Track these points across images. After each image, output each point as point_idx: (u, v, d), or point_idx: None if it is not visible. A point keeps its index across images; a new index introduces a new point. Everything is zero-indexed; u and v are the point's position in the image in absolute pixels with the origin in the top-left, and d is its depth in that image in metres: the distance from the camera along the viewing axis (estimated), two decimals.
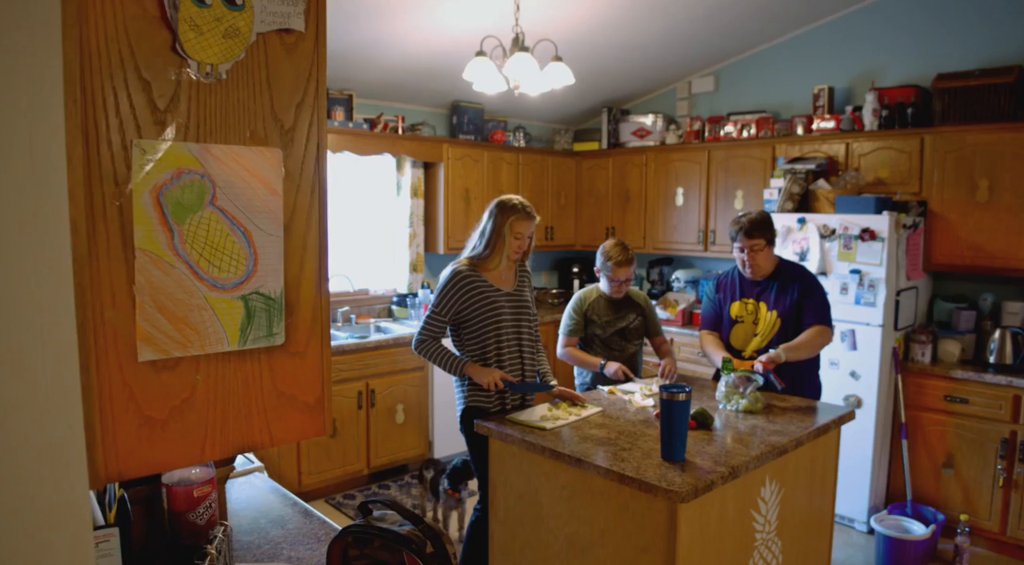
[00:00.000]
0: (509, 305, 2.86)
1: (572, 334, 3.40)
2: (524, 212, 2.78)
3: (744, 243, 3.11)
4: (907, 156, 4.03)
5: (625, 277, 3.30)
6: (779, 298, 3.13)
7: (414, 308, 5.01)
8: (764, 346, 3.13)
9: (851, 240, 3.82)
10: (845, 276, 3.86)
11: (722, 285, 3.33)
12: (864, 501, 3.83)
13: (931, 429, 3.81)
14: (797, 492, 2.65)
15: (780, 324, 3.11)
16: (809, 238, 3.98)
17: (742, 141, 4.82)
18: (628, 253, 3.30)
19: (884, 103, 4.15)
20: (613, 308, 3.38)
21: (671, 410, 2.24)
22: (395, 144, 4.80)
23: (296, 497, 2.06)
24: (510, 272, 2.92)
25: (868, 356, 3.80)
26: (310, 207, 1.01)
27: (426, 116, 5.26)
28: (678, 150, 5.24)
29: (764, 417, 2.75)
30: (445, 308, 2.79)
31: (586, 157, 5.91)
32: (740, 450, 2.36)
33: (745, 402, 2.85)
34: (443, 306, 2.79)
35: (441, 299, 2.79)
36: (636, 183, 5.54)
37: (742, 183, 4.83)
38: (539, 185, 5.71)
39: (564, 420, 2.68)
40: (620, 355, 3.38)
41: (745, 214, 3.15)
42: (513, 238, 2.78)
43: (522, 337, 2.90)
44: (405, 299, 5.07)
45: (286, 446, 4.03)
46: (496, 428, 2.64)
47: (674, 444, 2.25)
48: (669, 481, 2.08)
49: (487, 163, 5.33)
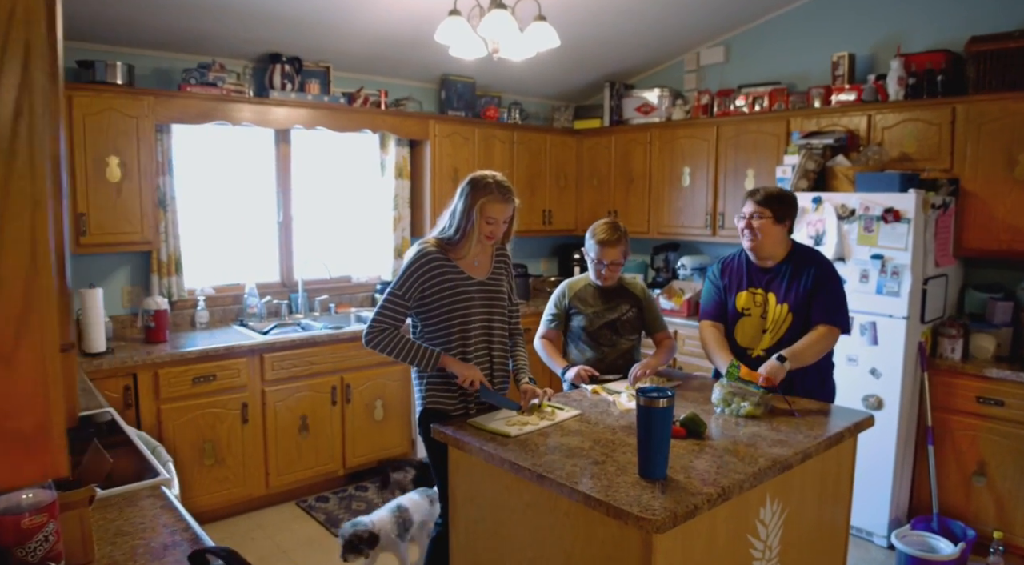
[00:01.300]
0: (480, 295, 2.50)
1: (552, 326, 3.03)
2: (499, 193, 2.40)
3: (749, 209, 2.73)
4: (936, 129, 3.59)
5: (612, 259, 2.91)
6: (790, 288, 2.74)
7: None
8: (774, 345, 2.74)
9: (872, 222, 3.40)
10: (865, 262, 3.45)
11: (728, 269, 2.94)
12: (884, 513, 3.43)
13: (961, 434, 3.40)
14: (804, 512, 2.28)
15: (791, 319, 2.72)
16: (825, 220, 3.57)
17: (754, 115, 4.41)
18: (617, 232, 2.91)
19: (911, 70, 3.72)
20: (603, 298, 3.01)
21: (649, 419, 1.87)
22: (375, 120, 4.45)
23: (192, 521, 1.73)
24: (485, 258, 2.56)
25: (890, 352, 3.40)
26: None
27: (412, 91, 4.89)
28: (685, 126, 4.83)
29: (767, 423, 2.38)
30: (408, 291, 2.42)
31: (587, 135, 5.52)
32: (735, 465, 1.99)
33: (747, 405, 2.48)
34: (405, 288, 2.42)
35: (404, 281, 2.42)
36: (640, 163, 5.14)
37: (753, 161, 4.41)
38: (536, 165, 5.33)
39: (534, 426, 2.32)
40: (611, 351, 3.00)
41: (768, 187, 2.80)
42: (484, 222, 2.41)
43: (493, 334, 2.54)
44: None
45: (251, 444, 3.72)
46: (453, 434, 2.29)
47: (653, 459, 1.89)
48: (643, 505, 1.71)
49: (478, 141, 4.96)
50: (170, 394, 3.45)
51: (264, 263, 4.47)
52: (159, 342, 3.66)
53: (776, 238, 2.75)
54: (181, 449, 3.50)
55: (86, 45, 3.66)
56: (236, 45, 3.97)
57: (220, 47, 3.95)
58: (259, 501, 3.83)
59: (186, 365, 3.50)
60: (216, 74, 3.83)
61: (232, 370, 3.64)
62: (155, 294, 3.85)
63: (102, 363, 3.27)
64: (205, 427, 3.57)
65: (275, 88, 4.07)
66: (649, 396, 1.87)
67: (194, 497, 3.56)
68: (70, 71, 3.59)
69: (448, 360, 2.41)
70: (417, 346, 2.41)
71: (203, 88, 3.78)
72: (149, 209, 3.65)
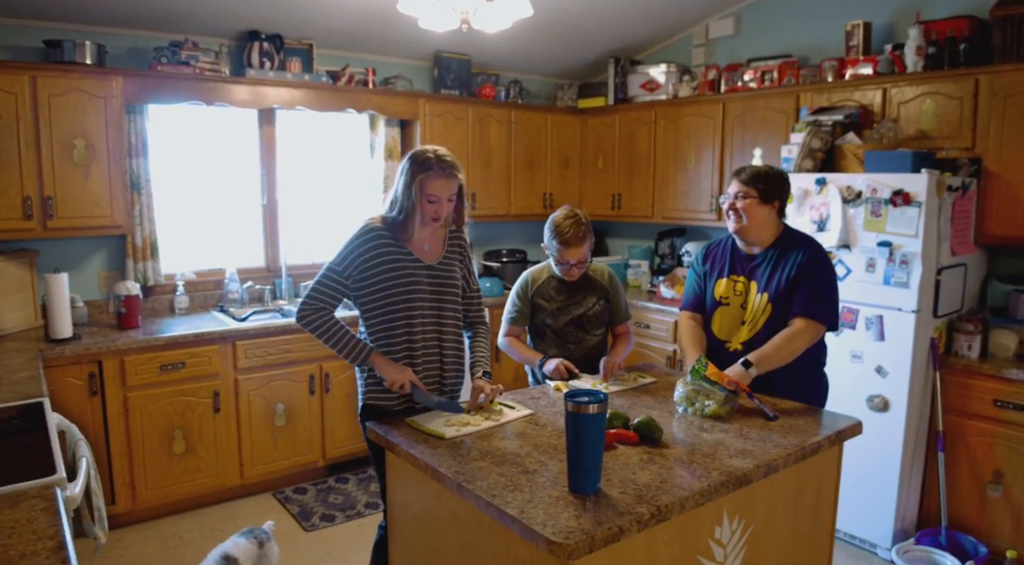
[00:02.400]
0: (430, 282, 2.30)
1: (515, 323, 2.82)
2: (439, 169, 2.19)
3: (734, 189, 2.48)
4: (957, 103, 3.25)
5: (577, 259, 2.68)
6: (772, 276, 2.49)
7: None
8: (752, 338, 2.50)
9: (880, 205, 3.10)
10: (872, 249, 3.15)
11: (711, 254, 2.69)
12: (889, 524, 3.16)
13: (975, 440, 3.10)
14: (774, 528, 2.05)
15: (771, 310, 2.47)
16: (830, 203, 3.27)
17: (762, 91, 4.09)
18: (581, 228, 2.67)
19: (931, 39, 3.37)
20: (567, 291, 2.78)
21: (578, 427, 1.67)
22: (360, 99, 4.27)
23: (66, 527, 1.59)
24: (436, 241, 2.36)
25: (898, 348, 3.10)
26: None
27: (402, 69, 4.70)
28: (690, 104, 4.54)
29: (736, 428, 2.14)
30: (347, 267, 2.22)
31: (591, 115, 5.25)
32: (683, 479, 1.77)
33: (712, 404, 2.25)
34: (345, 264, 2.22)
35: (344, 255, 2.23)
36: (644, 143, 4.86)
37: (761, 140, 4.11)
38: (536, 146, 5.10)
39: (475, 427, 2.13)
40: (577, 349, 2.79)
41: (756, 164, 2.53)
42: (426, 201, 2.21)
43: (445, 324, 2.34)
44: None
45: (224, 433, 3.62)
46: (385, 434, 2.12)
47: (582, 472, 1.68)
48: (559, 527, 1.51)
49: (472, 121, 4.75)
50: (137, 382, 3.36)
51: (248, 248, 4.35)
52: (131, 328, 3.57)
53: (763, 220, 2.49)
54: (149, 438, 3.41)
55: (54, 24, 3.56)
56: (213, 23, 3.82)
57: (196, 25, 3.81)
58: (234, 492, 3.73)
59: (153, 352, 3.40)
60: (189, 52, 3.70)
61: (202, 358, 3.53)
62: (129, 279, 3.76)
63: (64, 350, 3.18)
64: (175, 416, 3.48)
65: (253, 67, 3.92)
66: (577, 401, 1.66)
67: (164, 486, 3.48)
68: (37, 51, 3.49)
69: (378, 359, 2.23)
70: (350, 337, 2.24)
71: (175, 67, 3.65)
72: (119, 192, 3.54)
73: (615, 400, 2.43)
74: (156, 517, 3.54)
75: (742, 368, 2.33)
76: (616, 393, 2.52)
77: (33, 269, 3.55)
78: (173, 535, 3.40)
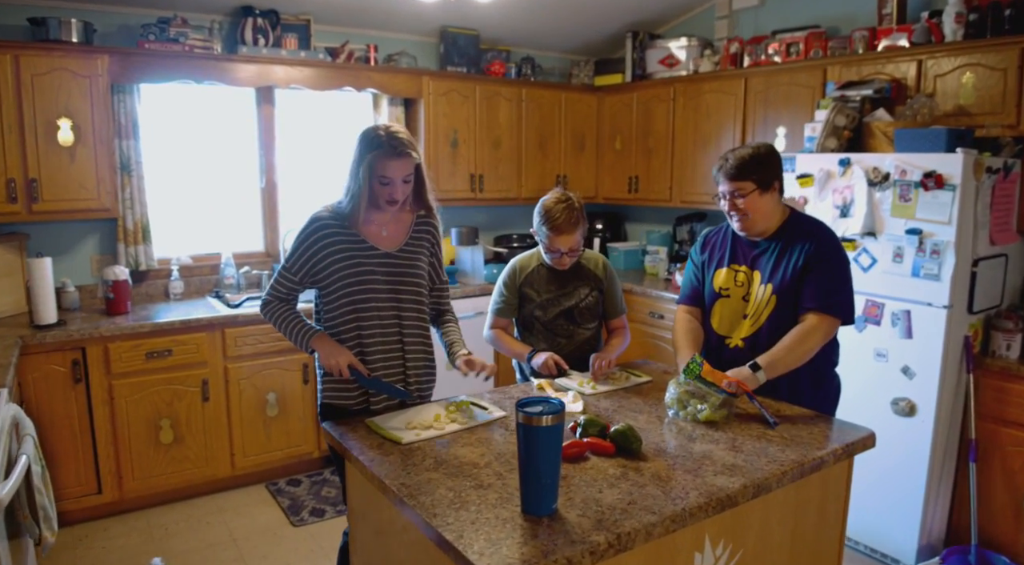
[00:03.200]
0: (385, 270, 2.12)
1: (501, 314, 2.62)
2: (390, 148, 2.00)
3: (726, 187, 2.24)
4: (1000, 75, 2.92)
5: (568, 247, 2.46)
6: (778, 265, 2.24)
7: None
8: (754, 333, 2.26)
9: (909, 188, 2.80)
10: (899, 238, 2.86)
11: (711, 242, 2.46)
12: (913, 539, 2.89)
13: (1012, 450, 2.81)
14: (768, 553, 1.83)
15: (775, 303, 2.23)
16: (854, 186, 2.98)
17: (786, 65, 3.79)
18: (574, 213, 2.43)
19: (972, 5, 3.04)
20: (557, 282, 2.57)
21: (528, 441, 1.47)
22: (359, 77, 4.09)
23: None
24: (398, 226, 2.18)
25: (927, 347, 2.82)
26: None
27: (406, 45, 4.50)
28: (710, 80, 4.25)
29: (729, 437, 1.92)
30: (295, 264, 2.10)
31: (608, 92, 4.99)
32: (655, 500, 1.56)
33: (706, 409, 2.03)
34: (292, 261, 2.11)
35: (292, 253, 2.11)
36: (662, 122, 4.59)
37: (785, 117, 3.81)
38: (549, 126, 4.86)
39: (438, 431, 1.95)
40: (568, 343, 2.58)
41: (736, 148, 2.26)
42: (378, 183, 2.03)
43: (405, 318, 2.16)
44: None
45: (213, 423, 3.52)
46: (339, 436, 1.96)
47: (534, 491, 1.49)
48: (497, 557, 1.32)
49: (480, 99, 4.53)
50: (122, 369, 3.27)
51: (247, 232, 4.24)
52: (119, 314, 3.49)
53: (768, 209, 2.24)
54: (136, 427, 3.33)
55: (41, 2, 3.45)
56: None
57: (188, 1, 3.67)
58: (225, 482, 3.64)
59: (139, 339, 3.30)
60: (178, 29, 3.56)
61: (190, 345, 3.42)
62: (120, 264, 3.67)
63: (46, 336, 3.10)
64: (162, 404, 3.39)
65: (246, 44, 3.77)
66: (528, 412, 1.46)
67: (151, 477, 3.40)
68: (21, 29, 3.39)
69: (319, 341, 2.07)
70: (296, 322, 2.11)
71: (163, 45, 3.52)
72: (106, 174, 3.44)
73: (599, 402, 2.23)
74: (144, 507, 3.47)
75: (750, 371, 2.10)
76: (604, 394, 2.32)
77: (23, 253, 3.48)
78: (159, 526, 3.32)
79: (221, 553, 3.08)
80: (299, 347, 2.10)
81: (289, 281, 2.11)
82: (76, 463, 3.24)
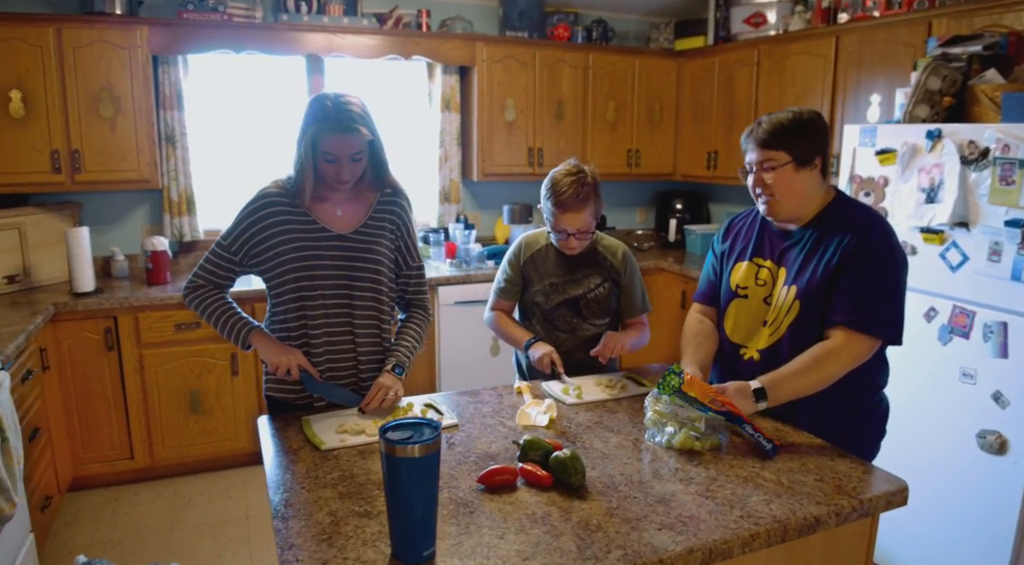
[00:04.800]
0: (335, 255, 1.89)
1: (503, 295, 2.34)
2: (335, 120, 1.75)
3: (754, 156, 1.82)
4: None
5: (576, 228, 2.13)
6: (807, 262, 1.81)
7: (436, 246, 4.16)
8: (773, 345, 1.85)
9: (1013, 168, 2.22)
10: (997, 230, 2.28)
11: (735, 229, 2.05)
12: None
13: None
14: None
15: (797, 310, 1.80)
16: (944, 164, 2.42)
17: (885, 19, 3.17)
18: (584, 189, 2.10)
19: None
20: (566, 266, 2.25)
21: (392, 473, 1.21)
22: (405, 44, 3.88)
23: None
24: (355, 205, 1.94)
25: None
26: None
27: (462, 9, 4.23)
28: (798, 40, 3.67)
29: (708, 475, 1.56)
30: (235, 241, 1.88)
31: (689, 58, 4.49)
32: (561, 557, 1.25)
33: (679, 434, 1.67)
34: (232, 238, 1.88)
35: (232, 228, 1.88)
36: (744, 90, 4.06)
37: (880, 83, 3.21)
38: (619, 95, 4.45)
39: (369, 437, 1.73)
40: (568, 339, 2.26)
41: (775, 112, 1.82)
42: (323, 160, 1.80)
43: (357, 307, 1.93)
44: (430, 236, 4.23)
45: (242, 397, 3.50)
46: (271, 436, 1.78)
47: (402, 534, 1.23)
48: None
49: (540, 66, 4.20)
50: (152, 339, 3.31)
51: None
52: (157, 284, 3.53)
53: (802, 190, 1.80)
54: (166, 396, 3.37)
55: None
56: None
57: None
58: (252, 457, 3.63)
59: (167, 311, 3.32)
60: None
61: None
62: (166, 235, 3.73)
63: (78, 304, 3.18)
64: (191, 376, 3.41)
65: (288, 11, 3.67)
66: (390, 439, 1.20)
67: (181, 446, 3.45)
68: (68, 3, 3.46)
69: (259, 339, 1.88)
70: (229, 315, 1.90)
71: (201, 14, 3.48)
72: (146, 145, 3.47)
73: (576, 415, 1.92)
74: (174, 475, 3.53)
75: (751, 398, 1.71)
76: (588, 405, 1.99)
77: (75, 223, 3.60)
78: (184, 496, 3.36)
79: (230, 530, 3.06)
80: (235, 344, 1.90)
81: (224, 259, 1.89)
82: (110, 428, 3.33)
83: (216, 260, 1.89)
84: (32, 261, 3.40)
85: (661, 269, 4.34)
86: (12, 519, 2.19)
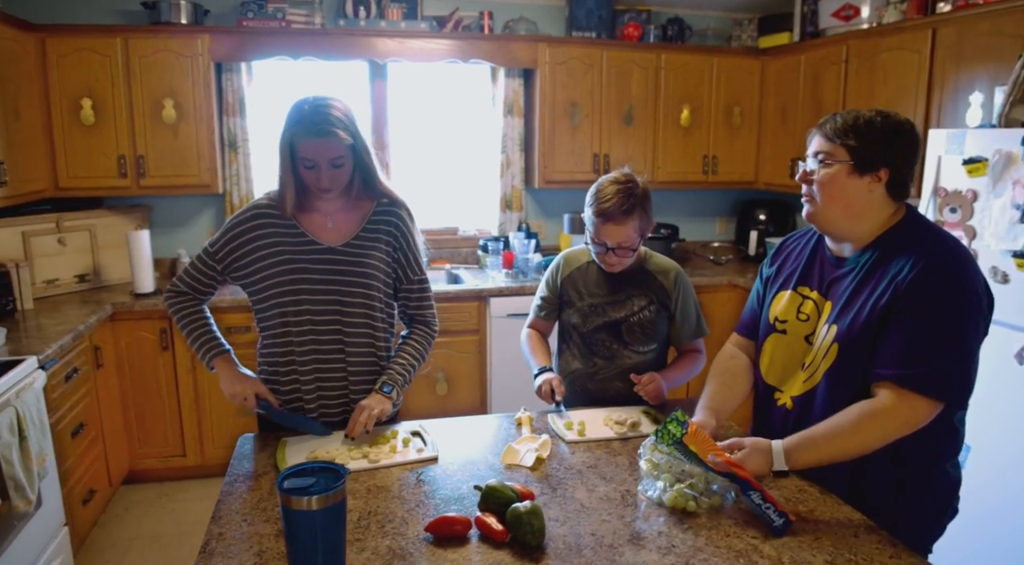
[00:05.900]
0: (324, 270, 1.79)
1: (539, 314, 2.18)
2: (311, 123, 1.66)
3: (813, 147, 1.53)
4: None
5: (618, 242, 1.92)
6: (853, 298, 1.52)
7: (494, 255, 4.04)
8: (808, 393, 1.58)
9: None
10: None
11: (784, 252, 1.77)
12: None
13: None
14: None
15: (835, 355, 1.51)
16: None
17: (988, 7, 2.75)
18: (630, 200, 1.88)
19: None
20: (608, 285, 2.05)
21: (291, 526, 1.09)
22: (464, 48, 3.78)
23: None
24: (348, 216, 1.84)
25: None
26: None
27: (525, 10, 4.08)
28: (890, 34, 3.27)
29: (695, 546, 1.34)
30: (220, 249, 1.81)
31: (773, 56, 4.13)
32: None
33: (671, 490, 1.45)
34: (218, 247, 1.81)
35: (219, 237, 1.82)
36: (831, 90, 3.67)
37: (982, 80, 2.78)
38: (695, 98, 4.15)
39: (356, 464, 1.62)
40: (607, 366, 2.05)
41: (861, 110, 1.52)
42: (302, 167, 1.71)
43: (348, 325, 1.83)
44: (488, 244, 4.11)
45: None
46: (244, 457, 1.73)
47: None
48: None
49: (607, 68, 3.98)
50: None
51: None
52: None
53: (853, 201, 1.49)
54: (216, 396, 3.44)
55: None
56: None
57: None
58: None
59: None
60: (275, 5, 3.55)
61: None
62: None
63: (134, 305, 3.30)
64: None
65: (346, 16, 3.66)
66: (288, 490, 1.07)
67: (229, 447, 3.48)
68: (133, 14, 3.60)
69: (221, 365, 1.81)
70: (202, 332, 1.85)
71: (260, 21, 3.53)
72: (207, 151, 3.56)
73: (572, 455, 1.73)
74: (223, 474, 3.59)
75: (769, 456, 1.47)
76: (590, 444, 1.80)
77: (143, 225, 3.75)
78: None
79: None
80: (202, 362, 1.85)
81: (208, 267, 1.83)
82: (164, 426, 3.43)
83: (200, 267, 1.85)
84: (101, 261, 3.57)
85: (736, 285, 4.01)
86: (33, 516, 2.26)
